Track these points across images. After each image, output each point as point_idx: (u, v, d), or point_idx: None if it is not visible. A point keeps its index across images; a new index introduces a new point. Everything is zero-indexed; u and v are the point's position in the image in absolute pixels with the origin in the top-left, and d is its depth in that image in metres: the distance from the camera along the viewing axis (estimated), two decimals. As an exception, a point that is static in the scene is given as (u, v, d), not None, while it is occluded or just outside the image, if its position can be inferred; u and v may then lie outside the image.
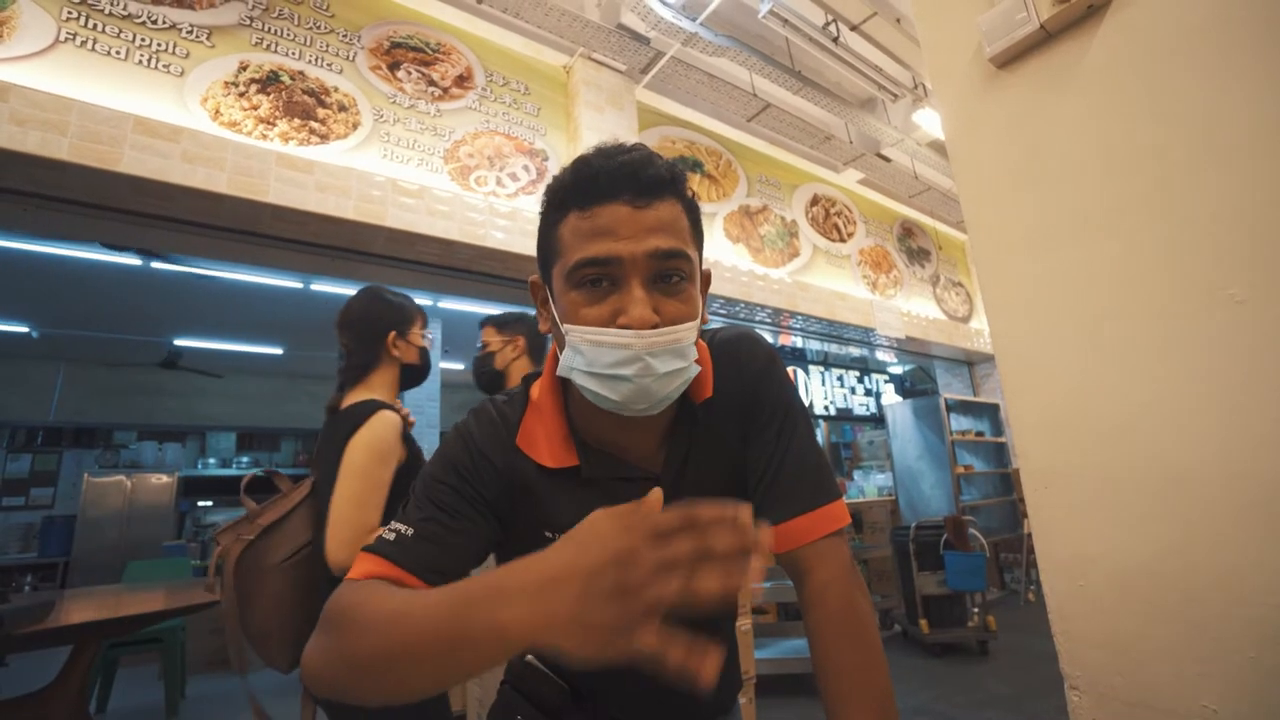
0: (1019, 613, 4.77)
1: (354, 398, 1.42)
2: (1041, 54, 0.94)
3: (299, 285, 5.49)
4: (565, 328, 0.60)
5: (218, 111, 2.52)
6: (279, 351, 7.73)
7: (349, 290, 5.82)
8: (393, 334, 1.50)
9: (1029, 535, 4.78)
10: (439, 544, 0.61)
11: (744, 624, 2.80)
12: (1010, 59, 0.97)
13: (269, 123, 2.61)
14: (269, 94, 2.65)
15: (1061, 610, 0.84)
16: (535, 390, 0.72)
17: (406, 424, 1.41)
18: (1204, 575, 0.69)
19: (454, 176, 3.05)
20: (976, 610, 3.94)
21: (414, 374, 1.58)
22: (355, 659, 0.49)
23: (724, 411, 0.69)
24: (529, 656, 0.79)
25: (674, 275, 0.59)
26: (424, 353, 1.59)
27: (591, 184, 0.58)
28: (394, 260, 3.07)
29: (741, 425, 0.70)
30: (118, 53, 2.37)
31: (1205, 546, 0.70)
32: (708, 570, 0.38)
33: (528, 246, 3.05)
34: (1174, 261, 0.75)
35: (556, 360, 0.72)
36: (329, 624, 0.53)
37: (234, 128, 2.53)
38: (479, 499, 0.65)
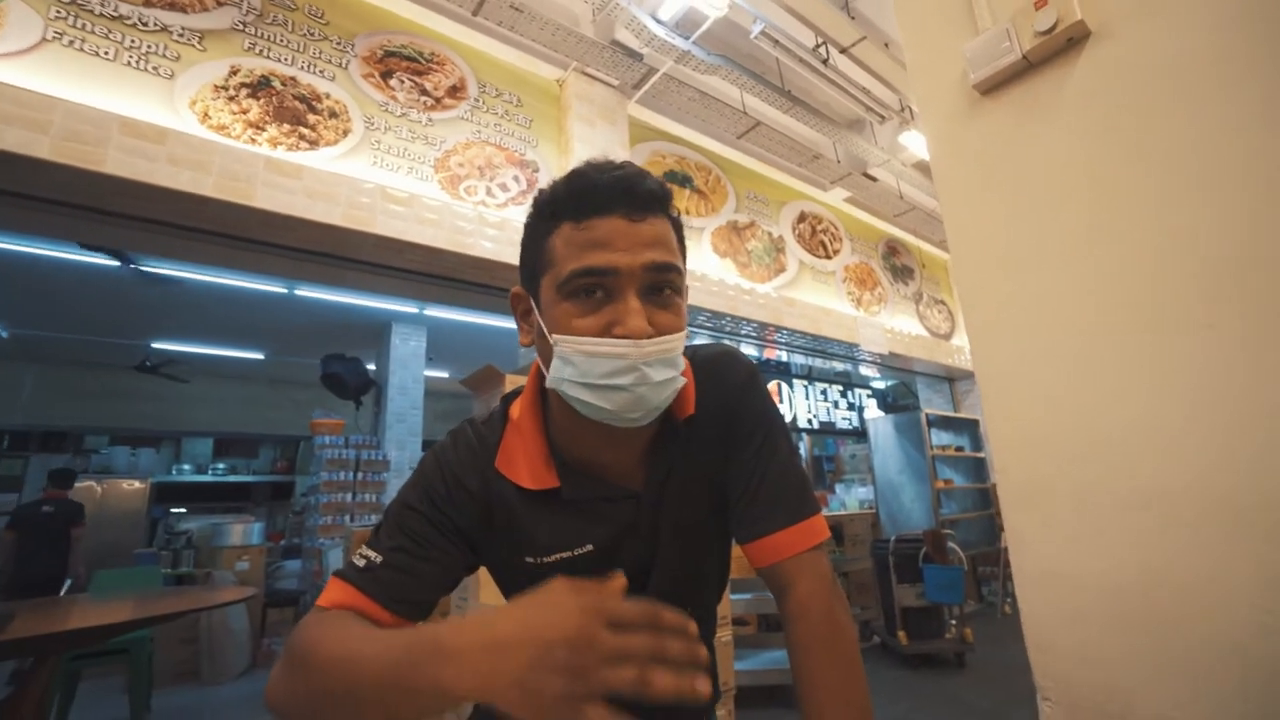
0: (996, 625, 4.82)
1: None
2: (1023, 83, 0.97)
3: (283, 290, 5.45)
4: (555, 338, 0.59)
5: (206, 115, 2.51)
6: (260, 356, 7.62)
7: (335, 296, 5.74)
8: None
9: (1005, 549, 4.84)
10: (407, 573, 0.61)
11: (724, 636, 2.80)
12: (993, 86, 1.01)
13: (258, 127, 2.60)
14: (259, 99, 2.64)
15: (1035, 623, 0.86)
16: (515, 409, 0.70)
17: None
18: (1168, 590, 0.72)
19: (444, 185, 3.05)
20: (954, 622, 3.97)
21: None
22: (310, 697, 0.51)
23: (705, 428, 0.69)
24: None
25: (666, 288, 0.60)
26: None
27: (588, 196, 0.58)
28: (381, 267, 3.06)
29: (723, 441, 0.70)
30: (106, 53, 2.35)
31: (1170, 563, 0.72)
32: (660, 669, 0.41)
33: (516, 257, 3.05)
34: (1147, 287, 0.78)
35: (538, 378, 0.71)
36: (292, 658, 0.54)
37: (222, 131, 2.52)
38: (451, 527, 0.65)
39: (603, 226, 0.58)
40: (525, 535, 0.67)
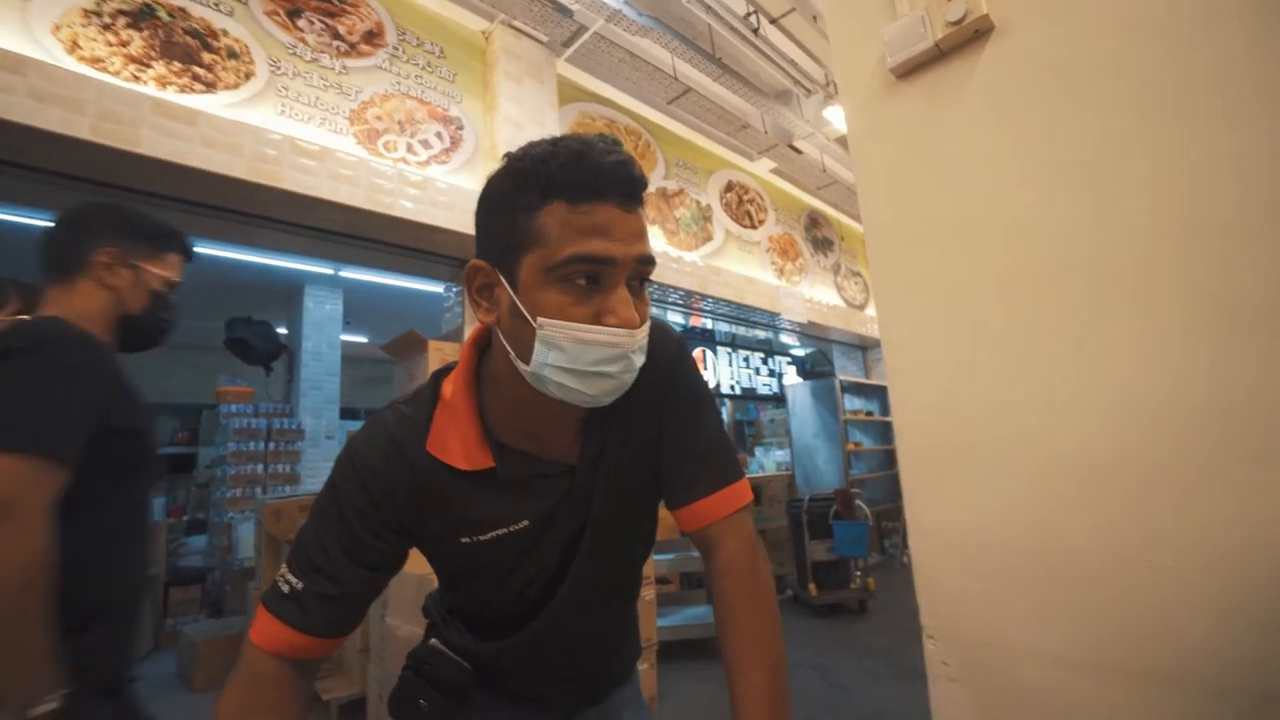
0: (895, 575, 5.27)
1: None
2: (935, 70, 1.03)
3: (176, 246, 4.98)
4: (542, 322, 0.57)
5: (75, 44, 2.22)
6: (150, 318, 6.97)
7: (240, 255, 5.32)
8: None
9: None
10: (328, 597, 0.63)
11: (648, 594, 2.91)
12: (908, 71, 1.06)
13: (142, 63, 2.33)
14: (142, 30, 2.36)
15: (923, 570, 0.95)
16: (447, 388, 0.69)
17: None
18: (1030, 535, 0.82)
19: (360, 140, 2.87)
20: (859, 573, 4.31)
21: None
22: None
23: (638, 400, 0.70)
24: (433, 640, 0.78)
25: (645, 280, 0.62)
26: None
27: (591, 178, 0.56)
28: (292, 225, 2.87)
29: (655, 412, 0.72)
30: (-58, -39, 2.02)
31: (1030, 511, 0.83)
32: None
33: (438, 218, 2.94)
34: (1035, 268, 0.86)
35: (476, 356, 0.70)
36: None
37: (97, 65, 2.24)
38: (374, 527, 0.64)
39: (601, 213, 0.57)
40: (460, 515, 0.67)
